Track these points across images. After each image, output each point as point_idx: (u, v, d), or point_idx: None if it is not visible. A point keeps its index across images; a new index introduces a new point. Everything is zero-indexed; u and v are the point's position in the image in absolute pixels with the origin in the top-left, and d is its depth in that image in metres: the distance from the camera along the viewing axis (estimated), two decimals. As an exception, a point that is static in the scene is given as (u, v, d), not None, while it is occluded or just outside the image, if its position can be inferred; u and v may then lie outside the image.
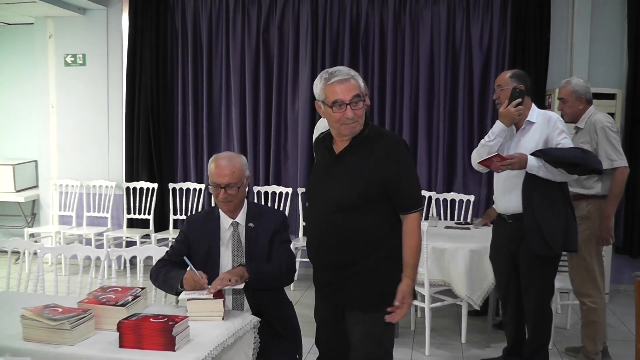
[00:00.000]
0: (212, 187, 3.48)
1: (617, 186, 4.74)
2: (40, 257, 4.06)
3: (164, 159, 7.92)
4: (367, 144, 3.07)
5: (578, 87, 4.91)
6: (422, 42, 7.32)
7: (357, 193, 3.01)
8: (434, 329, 5.45)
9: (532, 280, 4.31)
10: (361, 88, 3.01)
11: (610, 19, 7.13)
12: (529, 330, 4.44)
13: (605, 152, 4.69)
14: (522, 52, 7.08)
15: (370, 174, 3.01)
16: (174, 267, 3.41)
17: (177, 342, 2.65)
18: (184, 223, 3.74)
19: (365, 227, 3.03)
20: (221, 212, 3.55)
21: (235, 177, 3.43)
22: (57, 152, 8.31)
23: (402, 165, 3.05)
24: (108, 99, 8.12)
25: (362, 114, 3.02)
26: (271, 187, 7.68)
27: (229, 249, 3.50)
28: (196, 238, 3.52)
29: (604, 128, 4.73)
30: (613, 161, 4.68)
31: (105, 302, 2.94)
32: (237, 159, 3.52)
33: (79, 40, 8.12)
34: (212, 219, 3.56)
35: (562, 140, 4.19)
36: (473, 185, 7.29)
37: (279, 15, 7.58)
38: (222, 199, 3.44)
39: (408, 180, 3.07)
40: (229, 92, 7.78)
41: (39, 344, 2.70)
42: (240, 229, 3.53)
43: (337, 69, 3.03)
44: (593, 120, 4.82)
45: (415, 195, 3.10)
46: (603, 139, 4.72)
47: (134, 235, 7.59)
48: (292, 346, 3.58)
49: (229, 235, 3.52)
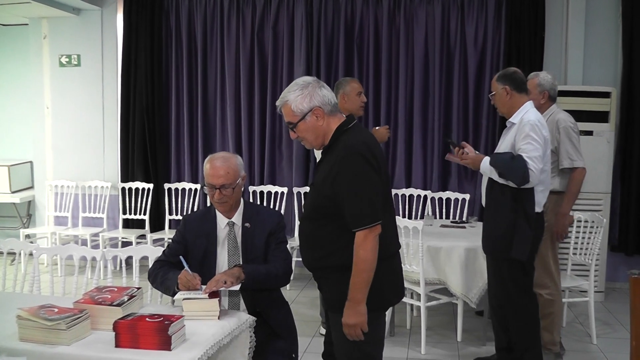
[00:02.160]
0: (207, 187, 3.48)
1: (575, 185, 4.85)
2: (36, 257, 4.06)
3: (159, 159, 7.91)
4: (329, 156, 3.04)
5: (544, 81, 4.95)
6: (417, 41, 7.33)
7: (313, 206, 3.08)
8: (429, 327, 5.46)
9: (496, 280, 4.43)
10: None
11: (605, 18, 7.14)
12: (511, 332, 4.48)
13: (567, 152, 4.79)
14: (516, 51, 7.09)
15: (322, 188, 2.99)
16: (170, 268, 3.41)
17: (173, 341, 2.66)
18: (181, 222, 3.73)
19: (318, 238, 3.05)
20: (217, 212, 3.55)
21: (230, 177, 3.43)
22: (52, 152, 8.30)
23: (345, 180, 2.89)
24: (103, 99, 8.11)
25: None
26: (266, 186, 7.68)
27: (225, 249, 3.50)
28: (193, 238, 3.52)
29: (567, 128, 4.81)
30: (573, 161, 4.76)
31: (101, 302, 2.95)
32: (233, 159, 3.51)
33: (73, 41, 8.11)
34: (208, 219, 3.56)
35: (523, 145, 4.14)
36: (468, 184, 7.30)
37: (273, 15, 7.58)
38: (217, 199, 3.44)
39: (350, 196, 2.89)
40: (223, 92, 7.78)
41: (35, 344, 2.71)
42: (237, 229, 3.53)
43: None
44: (556, 119, 4.87)
45: (358, 212, 2.87)
46: (565, 139, 4.80)
47: (130, 235, 7.59)
48: (288, 345, 3.58)
49: (225, 235, 3.52)
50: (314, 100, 2.99)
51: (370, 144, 2.99)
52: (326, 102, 3.00)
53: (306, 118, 3.01)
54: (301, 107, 2.99)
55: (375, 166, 2.92)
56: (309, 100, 2.99)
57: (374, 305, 2.98)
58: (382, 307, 3.14)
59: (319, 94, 3.00)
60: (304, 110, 2.99)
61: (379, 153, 3.03)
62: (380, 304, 3.08)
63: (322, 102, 2.99)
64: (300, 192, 7.52)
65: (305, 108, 2.99)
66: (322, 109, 2.99)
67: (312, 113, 2.99)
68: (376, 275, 2.94)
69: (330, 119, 3.02)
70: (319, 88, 3.01)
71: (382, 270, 2.99)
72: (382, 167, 3.00)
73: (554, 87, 4.99)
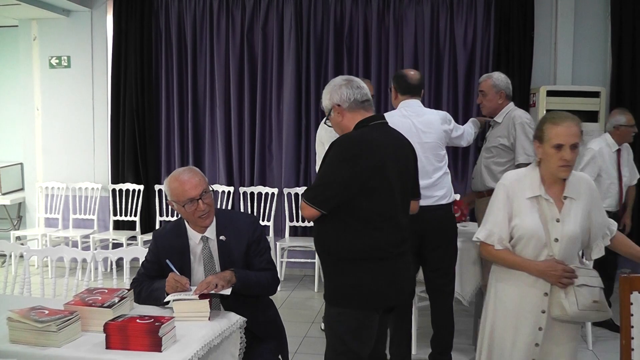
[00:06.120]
0: (186, 205, 3.30)
1: None
2: (26, 259, 4.06)
3: (149, 160, 7.91)
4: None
5: (499, 81, 5.05)
6: (406, 41, 7.35)
7: None
8: (420, 327, 5.46)
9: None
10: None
11: (594, 17, 7.18)
12: None
13: (523, 147, 4.85)
14: (506, 50, 7.12)
15: None
16: (153, 280, 3.34)
17: (164, 342, 2.66)
18: (152, 239, 3.59)
19: (319, 233, 3.24)
20: (188, 228, 3.42)
21: (204, 183, 3.35)
22: (42, 154, 8.28)
23: (322, 164, 3.19)
24: (93, 100, 8.10)
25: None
26: (257, 187, 7.68)
27: (202, 265, 3.40)
28: (166, 255, 3.35)
29: (523, 124, 4.89)
30: (529, 156, 4.76)
31: (92, 304, 2.94)
32: (194, 168, 3.47)
33: (63, 43, 8.10)
34: (179, 235, 3.43)
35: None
36: (457, 183, 7.30)
37: (262, 16, 7.58)
38: (202, 210, 3.31)
39: (317, 174, 3.25)
40: (213, 93, 7.78)
41: (26, 346, 2.71)
42: (211, 243, 3.41)
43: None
44: (512, 115, 4.97)
45: (312, 186, 3.21)
46: (521, 134, 4.86)
47: (120, 237, 7.58)
48: (278, 346, 3.57)
49: (199, 251, 3.40)
50: (333, 98, 3.25)
51: (368, 142, 3.12)
52: (344, 100, 3.21)
53: (331, 114, 3.29)
54: (326, 104, 3.30)
55: (350, 162, 3.05)
56: (329, 98, 3.27)
57: (362, 304, 3.12)
58: (372, 306, 3.18)
59: (338, 92, 3.23)
60: (328, 107, 3.29)
61: (380, 155, 3.11)
62: (369, 303, 3.15)
63: (341, 100, 3.22)
64: (291, 192, 7.53)
65: (328, 105, 3.28)
66: (341, 105, 3.22)
67: (333, 110, 3.26)
68: (370, 276, 3.08)
69: (351, 115, 3.23)
70: (340, 87, 3.24)
71: (377, 271, 3.10)
72: (373, 168, 3.08)
73: (509, 85, 5.09)
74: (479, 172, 5.20)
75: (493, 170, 5.03)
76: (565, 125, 3.03)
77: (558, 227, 3.06)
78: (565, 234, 3.06)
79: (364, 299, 3.11)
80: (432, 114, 4.62)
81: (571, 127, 3.04)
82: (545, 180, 3.11)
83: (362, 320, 3.15)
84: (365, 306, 3.15)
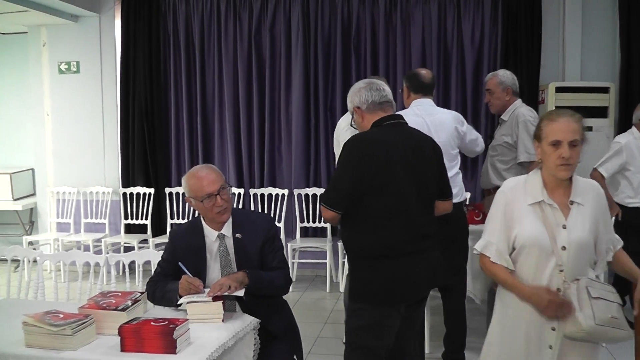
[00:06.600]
0: (204, 201, 3.32)
1: None
2: (39, 264, 4.08)
3: (159, 163, 7.94)
4: None
5: (504, 78, 5.04)
6: (414, 41, 7.34)
7: None
8: (433, 326, 5.45)
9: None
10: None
11: (602, 13, 7.16)
12: None
13: (524, 146, 4.82)
14: (513, 48, 7.11)
15: None
16: (167, 281, 3.35)
17: (178, 345, 2.67)
18: (168, 239, 3.62)
19: (342, 232, 3.42)
20: (205, 225, 3.44)
21: (221, 178, 3.38)
22: (53, 159, 8.33)
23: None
24: (102, 105, 8.14)
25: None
26: (267, 189, 7.69)
27: (218, 263, 3.41)
28: (182, 254, 3.39)
29: (525, 122, 4.86)
30: (530, 155, 4.74)
31: (106, 307, 2.96)
32: (211, 165, 3.50)
33: (72, 48, 8.14)
34: (196, 233, 3.44)
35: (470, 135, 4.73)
36: (467, 182, 7.29)
37: (270, 17, 7.59)
38: (220, 207, 3.33)
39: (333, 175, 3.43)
40: (222, 96, 7.80)
41: (41, 349, 2.72)
42: (228, 240, 3.42)
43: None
44: (516, 113, 4.96)
45: (326, 189, 3.38)
46: (523, 132, 4.84)
47: (132, 240, 7.61)
48: (292, 346, 3.57)
49: (216, 249, 3.42)
50: (354, 101, 3.43)
51: (373, 141, 3.24)
52: (363, 101, 3.38)
53: (354, 116, 3.46)
54: (349, 107, 3.49)
55: (354, 162, 3.18)
56: (351, 100, 3.46)
57: (377, 301, 3.18)
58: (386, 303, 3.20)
59: (358, 95, 3.40)
60: (350, 109, 3.48)
61: (385, 153, 3.18)
62: (383, 300, 3.19)
63: (360, 102, 3.39)
64: (301, 193, 7.54)
65: (351, 108, 3.47)
66: (361, 107, 3.39)
67: (355, 112, 3.44)
68: (383, 273, 3.15)
69: (370, 116, 3.37)
70: (360, 90, 3.41)
71: (390, 269, 3.16)
72: (378, 166, 3.15)
73: (515, 82, 5.08)
74: (486, 170, 5.20)
75: (498, 168, 5.03)
76: (562, 121, 2.81)
77: (564, 233, 2.80)
78: (573, 240, 2.79)
79: (378, 295, 3.17)
80: (444, 114, 4.62)
81: (569, 123, 2.80)
82: (548, 184, 2.89)
83: (377, 317, 3.19)
84: (380, 303, 3.18)
